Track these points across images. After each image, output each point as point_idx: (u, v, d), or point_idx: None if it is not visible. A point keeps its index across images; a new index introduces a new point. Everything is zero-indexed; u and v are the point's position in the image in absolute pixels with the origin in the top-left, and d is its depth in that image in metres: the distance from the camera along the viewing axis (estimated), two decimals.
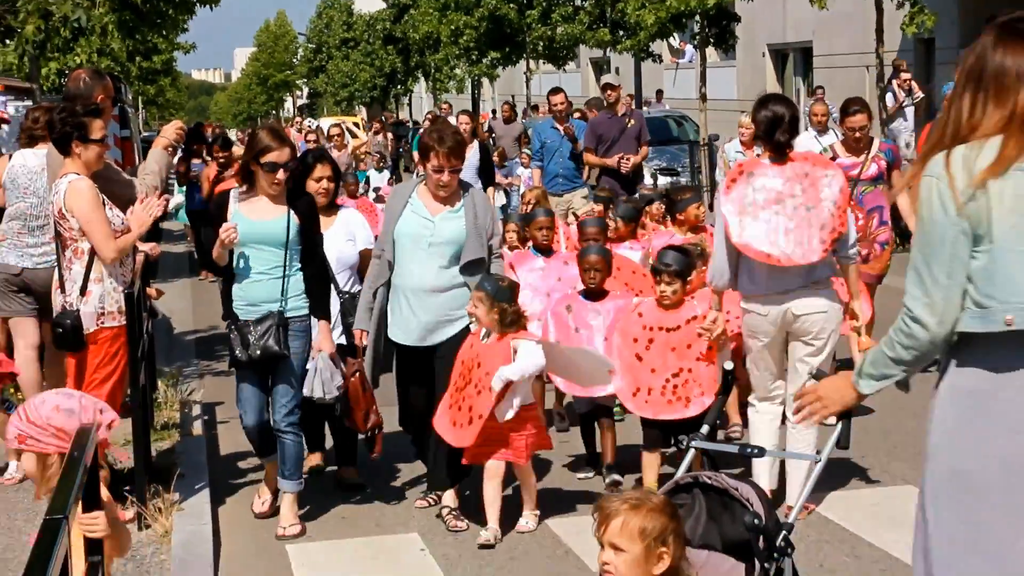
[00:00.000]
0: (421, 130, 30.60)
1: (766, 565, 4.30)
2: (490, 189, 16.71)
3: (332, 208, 8.80)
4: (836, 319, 7.68)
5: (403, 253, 7.97)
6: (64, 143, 7.81)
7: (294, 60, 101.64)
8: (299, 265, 7.85)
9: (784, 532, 4.42)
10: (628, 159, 15.61)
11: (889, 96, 23.78)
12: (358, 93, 76.63)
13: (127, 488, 8.06)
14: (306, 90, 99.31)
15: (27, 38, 10.37)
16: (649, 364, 7.98)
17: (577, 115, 19.26)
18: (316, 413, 8.47)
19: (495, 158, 20.62)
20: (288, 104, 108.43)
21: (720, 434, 9.16)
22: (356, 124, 43.76)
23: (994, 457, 4.05)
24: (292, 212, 7.79)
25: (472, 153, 16.03)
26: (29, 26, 10.22)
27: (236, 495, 8.78)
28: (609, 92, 16.44)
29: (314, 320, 7.94)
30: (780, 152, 7.57)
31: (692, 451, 5.01)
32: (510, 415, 7.50)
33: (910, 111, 25.02)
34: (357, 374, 8.11)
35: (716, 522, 4.53)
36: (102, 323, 7.75)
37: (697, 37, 31.34)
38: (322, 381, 7.78)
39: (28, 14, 10.15)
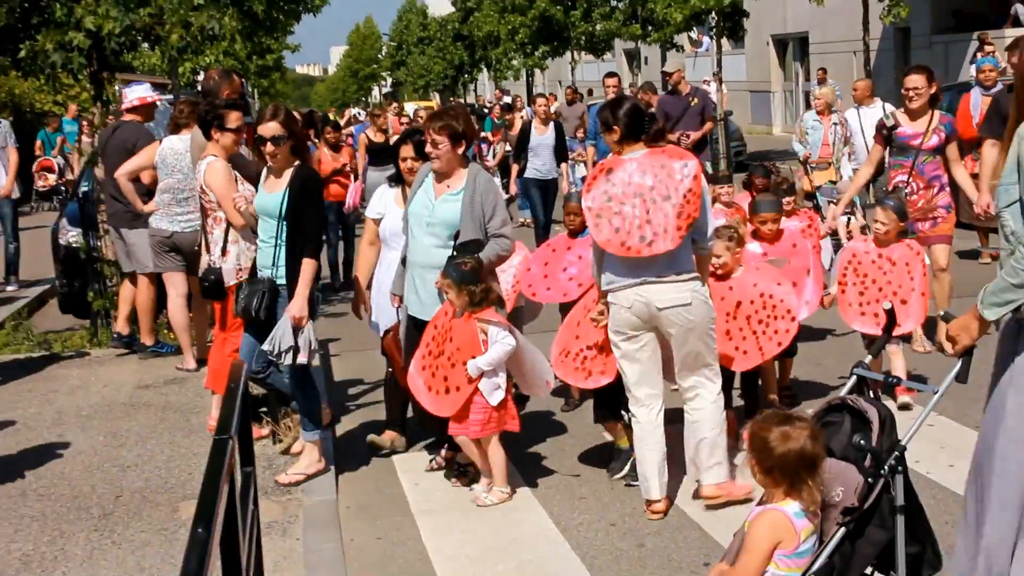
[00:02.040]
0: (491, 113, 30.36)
1: (870, 480, 4.19)
2: (564, 165, 16.05)
3: None
4: (702, 311, 6.34)
5: (411, 231, 7.10)
6: (206, 130, 7.86)
7: (379, 56, 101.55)
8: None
9: (896, 452, 4.25)
10: (688, 135, 14.53)
11: (973, 68, 21.84)
12: (432, 82, 76.72)
13: (263, 410, 8.13)
14: (389, 80, 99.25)
15: (172, 45, 10.45)
16: (580, 331, 7.03)
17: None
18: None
19: (579, 135, 19.89)
20: (375, 92, 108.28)
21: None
22: (432, 108, 43.72)
23: None
24: (289, 188, 7.06)
25: (549, 132, 15.59)
26: (173, 35, 10.28)
27: (349, 415, 8.82)
28: (667, 77, 15.53)
29: None
30: (655, 138, 6.44)
31: (854, 377, 4.78)
32: (499, 395, 6.69)
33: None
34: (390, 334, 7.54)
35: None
36: (240, 277, 7.80)
37: (713, 30, 31.13)
38: (271, 338, 6.97)
39: (172, 25, 10.22)
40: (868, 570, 4.33)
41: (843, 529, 4.18)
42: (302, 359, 7.03)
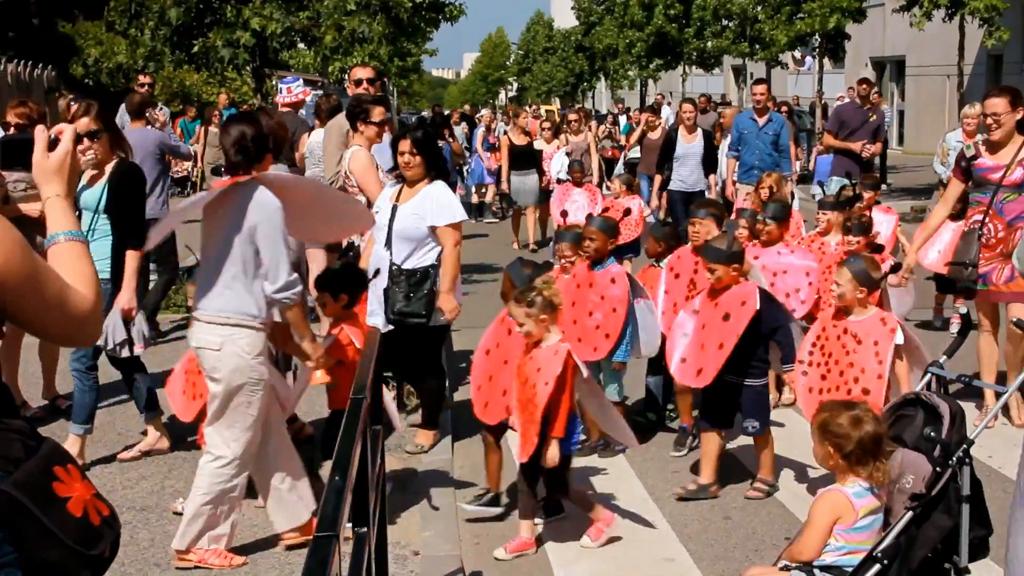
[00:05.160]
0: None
1: (938, 469, 4.15)
2: (712, 176, 13.59)
3: (424, 181, 6.82)
4: (235, 363, 5.08)
5: None
6: (353, 122, 7.97)
7: (507, 63, 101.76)
8: (107, 230, 6.52)
9: (965, 446, 4.18)
10: (869, 147, 12.97)
11: None
12: (554, 88, 76.64)
13: (388, 375, 8.20)
14: (515, 85, 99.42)
15: (326, 45, 10.65)
16: None
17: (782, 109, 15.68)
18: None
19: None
20: (501, 95, 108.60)
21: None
22: (551, 111, 43.66)
23: None
24: (109, 182, 6.51)
25: (696, 141, 13.45)
26: (327, 36, 10.48)
27: (465, 385, 8.87)
28: (864, 86, 13.77)
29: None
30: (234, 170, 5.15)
31: (929, 374, 4.75)
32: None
33: None
34: None
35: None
36: None
37: (816, 50, 30.69)
38: (105, 335, 6.46)
39: (327, 27, 10.41)
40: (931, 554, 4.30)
41: (910, 513, 4.16)
42: (138, 350, 6.61)
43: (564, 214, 9.04)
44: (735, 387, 6.25)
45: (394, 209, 6.77)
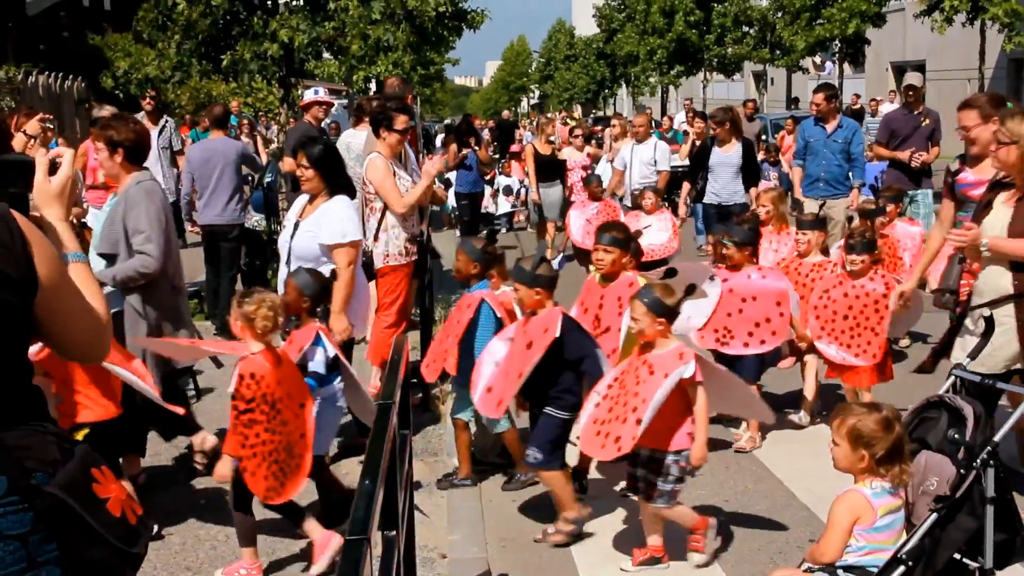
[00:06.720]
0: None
1: (962, 471, 4.15)
2: (753, 190, 12.01)
3: (323, 196, 6.65)
4: None
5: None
6: (375, 128, 7.99)
7: (529, 70, 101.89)
8: None
9: (989, 448, 4.16)
10: (920, 155, 11.60)
11: None
12: (576, 96, 76.71)
13: (414, 380, 8.22)
14: (537, 92, 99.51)
15: (353, 54, 10.67)
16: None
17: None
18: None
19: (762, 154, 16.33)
20: (523, 103, 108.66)
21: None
22: (573, 118, 43.57)
23: None
24: None
25: (734, 151, 12.01)
26: (354, 45, 10.51)
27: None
28: (911, 93, 12.18)
29: None
30: None
31: (952, 376, 4.72)
32: None
33: None
34: None
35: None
36: (387, 262, 7.82)
37: (836, 56, 30.65)
38: None
39: (353, 37, 10.44)
40: (957, 555, 4.28)
41: (935, 515, 4.14)
42: None
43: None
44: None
45: (296, 225, 6.62)
